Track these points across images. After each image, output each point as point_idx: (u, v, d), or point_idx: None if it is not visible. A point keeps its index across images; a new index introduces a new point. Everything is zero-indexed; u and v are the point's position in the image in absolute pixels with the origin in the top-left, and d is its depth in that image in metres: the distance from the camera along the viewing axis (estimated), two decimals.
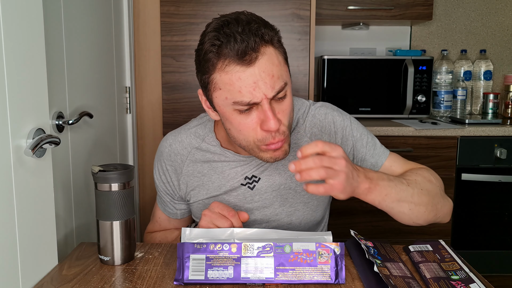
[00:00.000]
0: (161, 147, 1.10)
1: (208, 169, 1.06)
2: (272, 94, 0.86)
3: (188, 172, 1.07)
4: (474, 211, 2.02)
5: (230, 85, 0.85)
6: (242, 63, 0.84)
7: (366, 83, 2.16)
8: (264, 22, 0.89)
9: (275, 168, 1.04)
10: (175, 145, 1.08)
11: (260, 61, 0.84)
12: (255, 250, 0.81)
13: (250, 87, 0.84)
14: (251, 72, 0.84)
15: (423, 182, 0.97)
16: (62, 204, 1.15)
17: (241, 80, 0.84)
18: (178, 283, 0.80)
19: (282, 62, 0.89)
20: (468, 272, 0.82)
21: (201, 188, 1.07)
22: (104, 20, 1.51)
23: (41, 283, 0.83)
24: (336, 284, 0.80)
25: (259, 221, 1.07)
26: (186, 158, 1.07)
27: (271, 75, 0.85)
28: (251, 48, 0.83)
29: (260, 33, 0.85)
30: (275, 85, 0.86)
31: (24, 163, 0.81)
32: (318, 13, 2.09)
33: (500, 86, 2.49)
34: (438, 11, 2.45)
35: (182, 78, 1.89)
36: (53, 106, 1.10)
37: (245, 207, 1.05)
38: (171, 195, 1.12)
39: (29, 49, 0.83)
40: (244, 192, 1.05)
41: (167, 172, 1.09)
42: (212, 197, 1.07)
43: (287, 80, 0.89)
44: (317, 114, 1.07)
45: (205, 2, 1.85)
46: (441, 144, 1.95)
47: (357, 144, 1.06)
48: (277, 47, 0.89)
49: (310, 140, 1.06)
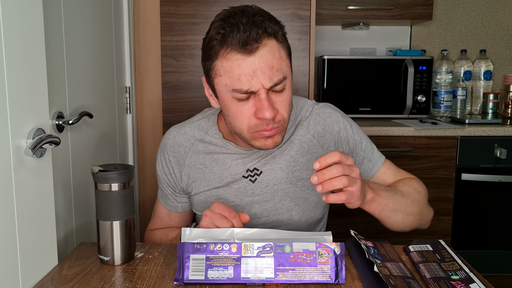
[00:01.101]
0: (165, 139, 1.12)
1: (210, 161, 1.08)
2: (269, 85, 0.89)
3: (190, 164, 1.09)
4: (474, 211, 2.02)
5: (231, 72, 0.89)
6: (243, 51, 0.87)
7: (366, 83, 2.17)
8: (270, 16, 0.92)
9: (277, 162, 1.06)
10: (179, 137, 1.10)
11: (261, 52, 0.87)
12: (255, 250, 0.81)
13: (249, 76, 0.88)
14: (251, 61, 0.87)
15: (414, 193, 1.05)
16: (62, 204, 1.15)
17: (241, 68, 0.88)
18: (178, 283, 0.80)
19: (284, 56, 0.92)
20: (468, 272, 0.82)
21: (202, 180, 1.08)
22: (104, 20, 1.51)
23: (41, 283, 0.83)
24: (336, 284, 0.80)
25: (259, 215, 1.07)
26: (189, 149, 1.09)
27: (271, 66, 0.88)
28: (253, 38, 0.86)
29: (264, 25, 0.88)
30: (274, 77, 0.89)
31: (24, 163, 0.81)
32: (318, 13, 2.09)
33: (500, 86, 2.50)
34: (438, 11, 2.45)
35: (182, 78, 1.89)
36: (53, 106, 1.10)
37: (245, 200, 1.07)
38: (172, 187, 1.13)
39: (29, 49, 0.83)
40: (246, 185, 1.06)
41: (170, 163, 1.11)
42: (213, 189, 1.07)
43: (286, 74, 0.92)
44: (321, 113, 1.09)
45: (205, 2, 1.85)
46: (441, 144, 1.95)
47: (356, 147, 1.09)
48: (281, 41, 0.92)
49: (313, 137, 1.08)
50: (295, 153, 1.06)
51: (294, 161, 1.06)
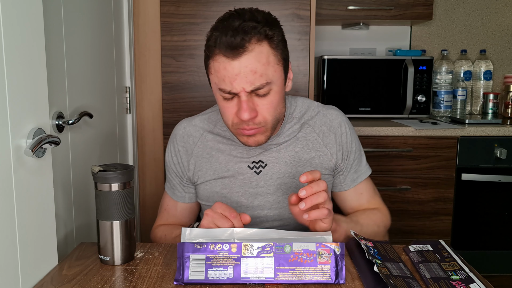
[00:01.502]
0: (175, 130, 1.18)
1: (217, 151, 1.12)
2: (250, 88, 0.94)
3: (198, 153, 1.13)
4: (474, 211, 2.02)
5: (218, 72, 0.96)
6: (228, 55, 0.93)
7: (366, 83, 2.16)
8: (269, 21, 0.96)
9: (281, 157, 1.10)
10: (189, 128, 1.16)
11: (246, 57, 0.92)
12: (255, 250, 0.81)
13: (232, 78, 0.94)
14: (234, 65, 0.93)
15: (373, 226, 1.11)
16: (62, 204, 1.15)
17: (226, 70, 0.94)
18: (178, 283, 0.80)
19: (273, 62, 0.96)
20: (468, 272, 0.82)
21: (208, 169, 1.12)
22: (104, 20, 1.51)
23: (41, 283, 0.83)
24: (336, 284, 0.80)
25: (262, 207, 1.11)
26: (198, 140, 1.14)
27: (254, 71, 0.93)
28: (237, 44, 0.92)
29: (254, 31, 0.92)
30: (255, 81, 0.94)
31: (24, 163, 0.81)
32: (318, 13, 2.09)
33: (500, 86, 2.49)
34: (438, 11, 2.45)
35: (182, 78, 1.89)
36: (53, 106, 1.10)
37: (249, 192, 1.10)
38: (180, 177, 1.16)
39: (29, 49, 0.83)
40: (250, 176, 1.10)
41: (179, 153, 1.15)
42: (219, 178, 1.11)
43: (272, 80, 0.96)
44: (328, 114, 1.15)
45: (205, 2, 1.85)
46: (441, 144, 1.95)
47: (350, 156, 1.15)
48: (274, 46, 0.96)
49: (318, 136, 1.12)
50: (299, 150, 1.11)
51: (298, 157, 1.11)
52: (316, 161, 1.12)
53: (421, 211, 1.99)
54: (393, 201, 1.97)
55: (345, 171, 1.15)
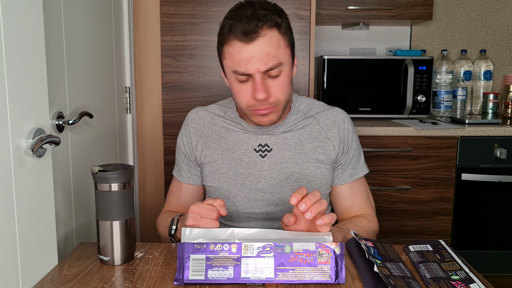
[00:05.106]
0: (189, 114, 1.26)
1: (225, 133, 1.20)
2: (264, 69, 1.02)
3: (208, 134, 1.21)
4: (474, 211, 2.02)
5: (233, 56, 1.03)
6: (243, 40, 1.01)
7: (366, 83, 2.16)
8: (276, 10, 1.05)
9: (286, 143, 1.17)
10: (201, 112, 1.25)
11: (259, 41, 1.01)
12: (255, 250, 0.81)
13: (246, 61, 1.02)
14: (249, 49, 1.01)
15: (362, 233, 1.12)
16: (62, 204, 1.15)
17: (241, 53, 1.02)
18: (178, 283, 0.80)
19: (283, 46, 1.05)
20: (468, 272, 0.82)
21: (216, 149, 1.19)
22: (104, 20, 1.51)
23: (41, 283, 0.84)
24: (336, 284, 0.81)
25: (265, 190, 1.16)
26: (208, 122, 1.23)
27: (267, 53, 1.01)
28: (252, 29, 1.00)
29: (266, 18, 1.01)
30: (269, 62, 1.02)
31: (24, 163, 0.81)
32: (318, 13, 2.09)
33: (500, 86, 2.49)
34: (438, 11, 2.45)
35: (182, 78, 1.89)
36: (53, 106, 1.10)
37: (254, 174, 1.16)
38: (188, 157, 1.23)
39: (29, 49, 0.83)
40: (256, 159, 1.17)
41: (189, 134, 1.23)
42: (226, 159, 1.17)
43: (283, 61, 1.05)
44: (333, 111, 1.22)
45: (205, 2, 1.85)
46: (441, 144, 1.95)
47: (350, 151, 1.20)
48: (283, 32, 1.05)
49: (322, 129, 1.19)
50: (304, 139, 1.18)
51: (302, 144, 1.17)
52: (319, 150, 1.17)
53: (421, 211, 1.99)
54: (393, 201, 1.97)
55: (344, 166, 1.19)
